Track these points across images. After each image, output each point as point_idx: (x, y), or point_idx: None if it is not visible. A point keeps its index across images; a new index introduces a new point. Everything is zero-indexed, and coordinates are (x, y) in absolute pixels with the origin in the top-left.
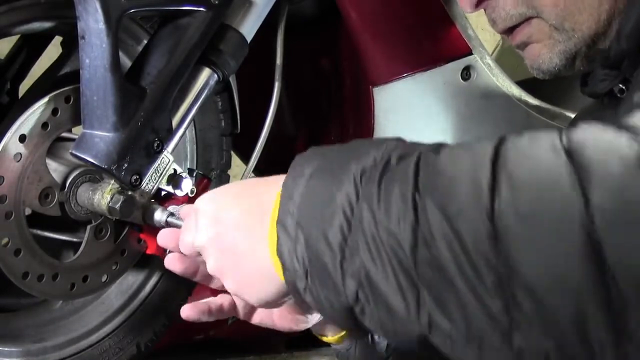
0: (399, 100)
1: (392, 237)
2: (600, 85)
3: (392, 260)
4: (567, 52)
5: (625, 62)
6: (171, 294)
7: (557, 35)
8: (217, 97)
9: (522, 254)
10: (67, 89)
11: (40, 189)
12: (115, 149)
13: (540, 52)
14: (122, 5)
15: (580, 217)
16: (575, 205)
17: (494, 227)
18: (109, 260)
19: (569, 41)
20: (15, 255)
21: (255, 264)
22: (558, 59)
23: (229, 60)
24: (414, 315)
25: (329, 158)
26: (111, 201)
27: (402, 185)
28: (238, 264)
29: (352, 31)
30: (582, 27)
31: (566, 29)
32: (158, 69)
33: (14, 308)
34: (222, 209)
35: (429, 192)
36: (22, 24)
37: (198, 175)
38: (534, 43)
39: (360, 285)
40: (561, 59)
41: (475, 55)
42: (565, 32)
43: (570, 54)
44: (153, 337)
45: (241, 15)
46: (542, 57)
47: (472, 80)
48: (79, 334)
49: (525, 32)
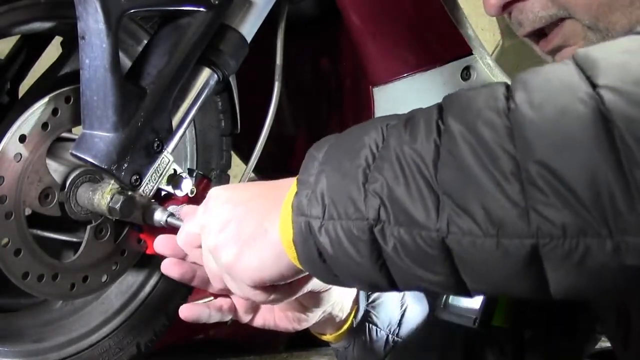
0: (399, 100)
1: (415, 153)
2: None
3: (415, 175)
4: None
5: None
6: (171, 294)
7: (592, 36)
8: (217, 97)
9: (536, 135)
10: (67, 89)
11: (40, 189)
12: (115, 149)
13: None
14: (122, 5)
15: (588, 95)
16: (583, 88)
17: (509, 120)
18: (109, 260)
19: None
20: (15, 255)
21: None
22: None
23: (229, 60)
24: (433, 220)
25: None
26: (111, 201)
27: (427, 116)
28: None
29: (352, 31)
30: (616, 26)
31: (600, 29)
32: (158, 69)
33: (14, 308)
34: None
35: (450, 111)
36: (22, 24)
37: (198, 175)
38: (568, 47)
39: (382, 203)
40: None
41: (475, 55)
42: (600, 32)
43: None
44: (153, 337)
45: (241, 15)
46: None
47: (472, 80)
48: (79, 334)
49: (560, 35)
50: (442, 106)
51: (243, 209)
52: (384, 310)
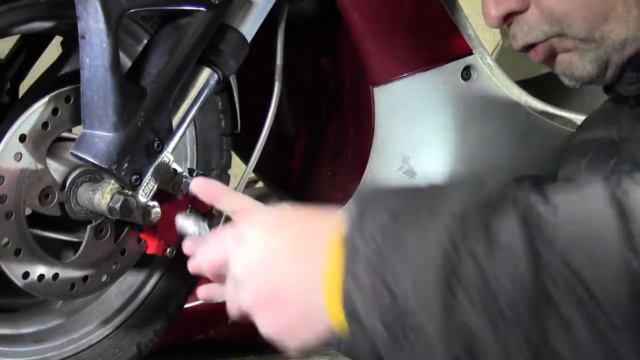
0: (399, 100)
1: (502, 288)
2: (628, 88)
3: (504, 319)
4: (599, 59)
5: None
6: (171, 294)
7: (585, 45)
8: (217, 97)
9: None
10: (67, 89)
11: (40, 189)
12: (115, 148)
13: (572, 59)
14: (122, 5)
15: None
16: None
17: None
18: (109, 260)
19: (598, 49)
20: (15, 255)
21: (304, 309)
22: (591, 66)
23: (229, 60)
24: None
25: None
26: (111, 201)
27: (511, 239)
28: (270, 282)
29: (352, 31)
30: (611, 34)
31: (596, 40)
32: (158, 69)
33: (14, 308)
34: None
35: (546, 245)
36: (22, 24)
37: (198, 175)
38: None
39: (466, 349)
40: (594, 66)
41: (475, 55)
42: (595, 42)
43: (603, 60)
44: (153, 337)
45: (241, 15)
46: (575, 64)
47: (472, 80)
48: (79, 334)
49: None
50: (527, 221)
51: (277, 252)
52: None
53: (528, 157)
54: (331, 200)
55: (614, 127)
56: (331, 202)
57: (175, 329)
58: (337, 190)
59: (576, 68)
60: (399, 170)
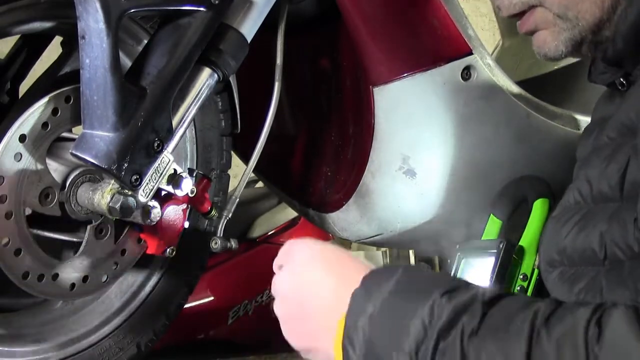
0: (399, 100)
1: None
2: (600, 77)
3: None
4: (573, 40)
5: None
6: (171, 294)
7: (562, 24)
8: (217, 97)
9: None
10: (67, 89)
11: (40, 189)
12: (115, 149)
13: (546, 39)
14: (122, 5)
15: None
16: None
17: None
18: (109, 260)
19: (573, 29)
20: (15, 255)
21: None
22: (564, 46)
23: (229, 60)
24: None
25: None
26: (111, 201)
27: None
28: (302, 306)
29: (352, 31)
30: (586, 15)
31: (570, 18)
32: (158, 69)
33: (14, 308)
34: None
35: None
36: (22, 24)
37: (198, 175)
38: (540, 30)
39: None
40: (567, 46)
41: (475, 55)
42: (569, 20)
43: (576, 41)
44: (153, 337)
45: (241, 15)
46: (548, 44)
47: (472, 80)
48: (79, 334)
49: (531, 21)
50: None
51: (317, 283)
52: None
53: (528, 157)
54: (331, 200)
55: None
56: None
57: (175, 329)
58: (337, 190)
59: (549, 49)
60: (399, 170)
